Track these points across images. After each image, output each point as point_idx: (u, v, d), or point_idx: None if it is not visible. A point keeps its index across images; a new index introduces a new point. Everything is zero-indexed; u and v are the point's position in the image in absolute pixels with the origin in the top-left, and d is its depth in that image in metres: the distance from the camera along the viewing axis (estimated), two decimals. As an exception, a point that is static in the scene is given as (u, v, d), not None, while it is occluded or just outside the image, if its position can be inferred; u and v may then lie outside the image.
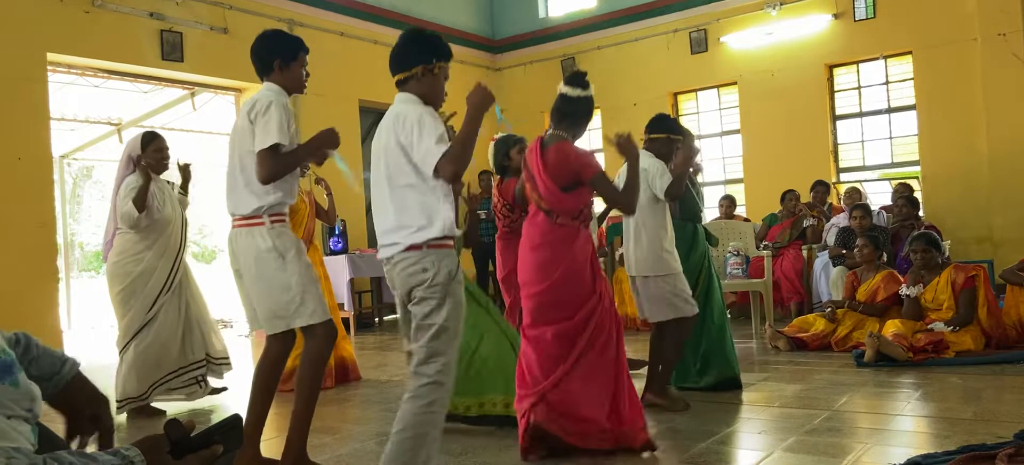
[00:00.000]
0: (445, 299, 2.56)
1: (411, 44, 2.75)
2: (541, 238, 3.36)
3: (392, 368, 6.09)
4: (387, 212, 2.66)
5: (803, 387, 4.53)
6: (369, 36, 9.65)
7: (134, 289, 4.55)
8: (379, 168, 2.70)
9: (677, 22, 10.04)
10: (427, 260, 2.57)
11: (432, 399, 2.51)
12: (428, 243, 2.57)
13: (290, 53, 3.22)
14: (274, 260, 3.09)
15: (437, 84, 2.74)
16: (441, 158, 2.48)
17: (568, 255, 3.32)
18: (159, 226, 4.59)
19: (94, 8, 7.10)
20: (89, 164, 15.13)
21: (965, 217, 8.26)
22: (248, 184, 3.11)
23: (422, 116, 2.57)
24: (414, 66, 2.69)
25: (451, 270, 2.58)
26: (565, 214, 3.32)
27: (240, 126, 3.15)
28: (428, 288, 2.56)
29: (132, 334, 4.55)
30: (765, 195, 9.04)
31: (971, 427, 3.46)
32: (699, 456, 3.27)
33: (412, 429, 2.50)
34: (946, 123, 8.52)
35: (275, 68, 3.19)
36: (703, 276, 4.60)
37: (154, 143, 4.60)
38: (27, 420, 1.22)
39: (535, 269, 3.36)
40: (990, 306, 5.29)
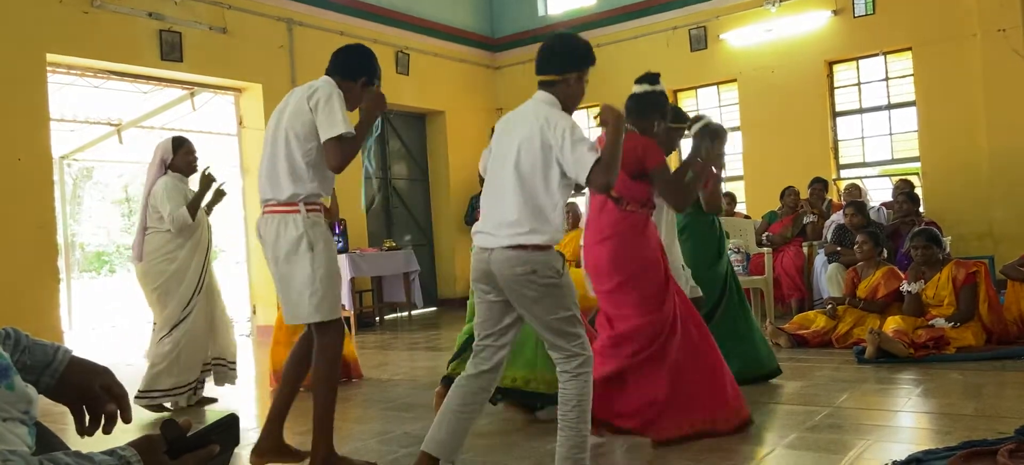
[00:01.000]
0: (561, 292, 2.63)
1: (568, 48, 2.79)
2: (611, 228, 3.41)
3: (393, 367, 6.09)
4: (505, 204, 2.67)
5: (804, 384, 4.52)
6: (369, 36, 9.63)
7: (168, 287, 4.69)
8: (506, 159, 2.71)
9: (677, 19, 10.03)
10: (535, 261, 2.60)
11: (584, 372, 2.66)
12: (535, 246, 2.61)
13: (376, 78, 3.31)
14: (304, 249, 3.09)
15: (581, 92, 2.80)
16: (594, 166, 2.52)
17: (641, 244, 3.39)
18: (190, 227, 4.73)
19: (93, 8, 7.10)
20: (89, 165, 15.11)
21: (965, 213, 8.25)
22: (290, 170, 3.10)
23: (573, 125, 2.62)
24: (569, 71, 2.74)
25: (558, 267, 2.63)
26: (635, 201, 3.38)
27: (294, 109, 3.12)
28: (540, 287, 2.60)
29: (172, 326, 4.67)
30: (765, 192, 9.03)
31: (972, 423, 3.46)
32: (700, 452, 3.27)
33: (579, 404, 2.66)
34: (946, 119, 8.52)
35: (359, 83, 3.24)
36: (730, 273, 4.69)
37: (185, 147, 4.81)
38: (24, 422, 1.22)
39: (608, 262, 3.41)
40: (991, 302, 5.28)
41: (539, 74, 2.79)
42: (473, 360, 2.80)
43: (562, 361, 2.68)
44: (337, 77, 3.20)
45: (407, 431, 3.95)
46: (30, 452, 1.20)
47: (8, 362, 1.23)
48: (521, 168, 2.65)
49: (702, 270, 4.54)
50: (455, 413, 2.75)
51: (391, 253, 9.29)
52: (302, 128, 3.08)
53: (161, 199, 4.64)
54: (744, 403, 3.57)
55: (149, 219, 4.70)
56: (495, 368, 2.78)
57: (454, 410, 2.75)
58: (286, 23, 8.63)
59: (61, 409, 1.51)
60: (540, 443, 3.52)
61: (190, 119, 9.29)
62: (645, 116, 3.53)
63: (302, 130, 3.08)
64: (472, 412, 2.78)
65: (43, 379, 1.43)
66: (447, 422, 2.75)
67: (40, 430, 1.33)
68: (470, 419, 2.79)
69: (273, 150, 3.17)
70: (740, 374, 4.53)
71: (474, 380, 2.77)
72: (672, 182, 3.49)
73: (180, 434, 1.26)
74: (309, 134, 3.08)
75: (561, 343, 2.66)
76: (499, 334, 2.76)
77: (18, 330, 1.42)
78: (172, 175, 4.74)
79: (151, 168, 4.80)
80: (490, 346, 2.77)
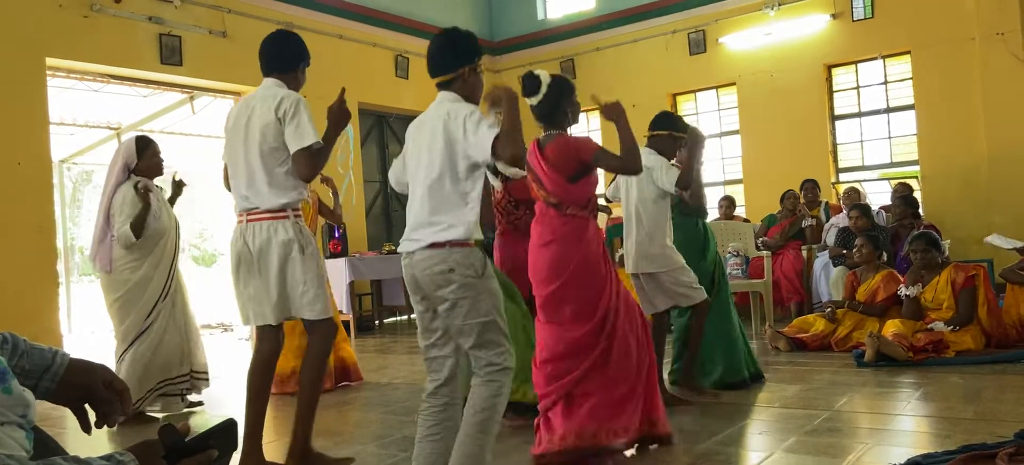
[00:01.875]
0: (478, 295, 2.56)
1: (453, 45, 2.78)
2: (552, 234, 3.34)
3: (392, 371, 6.09)
4: (421, 207, 2.66)
5: (803, 387, 4.52)
6: (367, 39, 9.65)
7: (130, 297, 4.54)
8: (418, 164, 2.70)
9: (676, 23, 10.04)
10: (452, 258, 2.55)
11: (500, 381, 2.58)
12: (450, 242, 2.57)
13: (308, 60, 3.43)
14: (295, 253, 3.22)
15: (479, 83, 2.78)
16: (496, 140, 2.46)
17: (581, 248, 3.32)
18: (155, 235, 4.58)
19: (93, 12, 7.10)
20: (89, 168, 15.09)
21: (964, 216, 8.25)
22: (269, 180, 3.21)
23: (474, 111, 2.60)
24: (460, 67, 2.73)
25: (478, 266, 2.57)
26: (574, 204, 3.33)
27: (264, 121, 3.19)
28: (458, 286, 2.54)
29: (130, 341, 4.54)
30: (764, 196, 9.04)
31: (971, 426, 3.45)
32: (700, 456, 3.27)
33: (488, 410, 2.55)
34: (945, 122, 8.52)
35: (298, 69, 3.37)
36: (718, 273, 4.69)
37: (150, 149, 4.60)
38: (21, 426, 1.22)
39: (548, 266, 3.34)
40: (990, 305, 5.29)
41: (433, 76, 2.78)
42: (428, 375, 2.71)
43: (478, 368, 2.58)
44: (277, 75, 3.32)
45: (406, 435, 3.94)
46: (28, 456, 1.20)
47: (5, 366, 1.23)
48: (431, 167, 2.63)
49: None
50: (428, 439, 2.63)
51: (390, 257, 9.28)
52: (275, 139, 3.19)
53: (117, 208, 4.45)
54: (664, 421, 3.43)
55: (112, 227, 4.50)
56: (450, 379, 2.67)
57: (427, 436, 2.64)
58: (285, 26, 8.63)
59: (59, 413, 1.51)
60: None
61: (190, 123, 9.30)
62: (555, 114, 3.42)
63: (276, 142, 3.20)
64: (443, 433, 2.63)
65: (42, 383, 1.42)
66: (422, 451, 2.64)
67: (38, 434, 1.32)
68: (446, 439, 2.61)
69: (248, 161, 3.25)
70: (722, 378, 4.54)
71: (434, 398, 2.66)
72: (614, 156, 3.39)
73: (178, 439, 1.26)
74: (282, 143, 3.20)
75: (481, 353, 2.56)
76: (440, 343, 2.67)
77: (16, 335, 1.42)
78: (129, 183, 4.50)
79: (112, 170, 4.55)
80: (437, 357, 2.69)
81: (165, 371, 4.62)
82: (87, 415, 1.47)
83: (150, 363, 4.54)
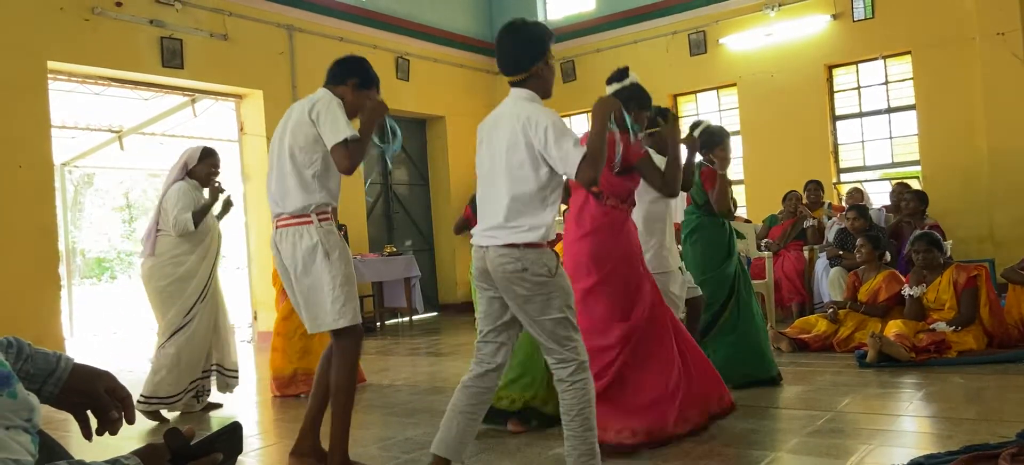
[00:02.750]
0: (551, 293, 2.61)
1: (524, 40, 2.75)
2: (592, 223, 3.41)
3: (393, 373, 6.09)
4: (497, 205, 2.68)
5: (805, 388, 4.52)
6: (368, 41, 9.66)
7: (172, 291, 4.70)
8: (495, 164, 2.72)
9: (676, 24, 10.04)
10: (527, 259, 2.60)
11: (581, 378, 2.64)
12: (526, 244, 2.61)
13: (368, 82, 3.38)
14: (321, 258, 3.18)
15: (552, 73, 2.78)
16: (582, 161, 2.51)
17: (622, 240, 3.39)
18: (201, 233, 4.76)
19: (94, 16, 7.11)
20: (90, 171, 15.13)
21: (966, 216, 8.25)
22: (298, 182, 3.19)
23: (555, 120, 2.61)
24: (534, 64, 2.71)
25: (551, 266, 2.61)
26: (615, 196, 3.39)
27: (295, 122, 3.22)
28: (531, 285, 2.60)
29: (172, 332, 4.67)
30: (766, 196, 9.04)
31: (974, 427, 3.45)
32: (702, 458, 3.27)
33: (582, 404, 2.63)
34: (946, 122, 8.52)
35: (348, 85, 3.32)
36: (739, 274, 4.69)
37: (211, 159, 4.85)
38: (26, 430, 1.22)
39: (588, 257, 3.40)
40: (992, 305, 5.28)
41: (505, 75, 2.77)
42: (476, 358, 2.81)
43: (557, 368, 2.67)
44: (329, 86, 3.32)
45: (409, 437, 3.95)
46: (33, 461, 1.20)
47: (9, 370, 1.23)
48: (509, 168, 2.66)
49: (711, 270, 4.60)
50: (463, 414, 2.77)
51: (392, 258, 9.30)
52: (305, 140, 3.18)
53: (172, 202, 4.68)
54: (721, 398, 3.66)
55: (161, 221, 4.74)
56: (499, 366, 2.80)
57: (462, 411, 2.77)
58: (287, 30, 8.65)
59: (63, 417, 1.51)
60: (541, 448, 3.53)
61: (191, 126, 9.30)
62: (626, 111, 3.51)
63: (305, 142, 3.18)
64: (479, 411, 2.80)
65: (46, 388, 1.43)
66: (456, 423, 2.77)
67: (43, 438, 1.32)
68: (477, 418, 2.81)
69: (280, 166, 3.26)
70: (745, 376, 4.55)
71: (479, 380, 2.79)
72: (659, 173, 3.51)
73: (183, 442, 1.26)
74: (312, 145, 3.18)
75: (554, 346, 2.65)
76: (499, 330, 2.77)
77: (20, 339, 1.43)
78: (187, 181, 4.78)
79: (173, 169, 4.84)
80: (491, 342, 2.79)
81: (193, 372, 4.76)
82: (89, 422, 1.47)
83: (189, 360, 4.69)
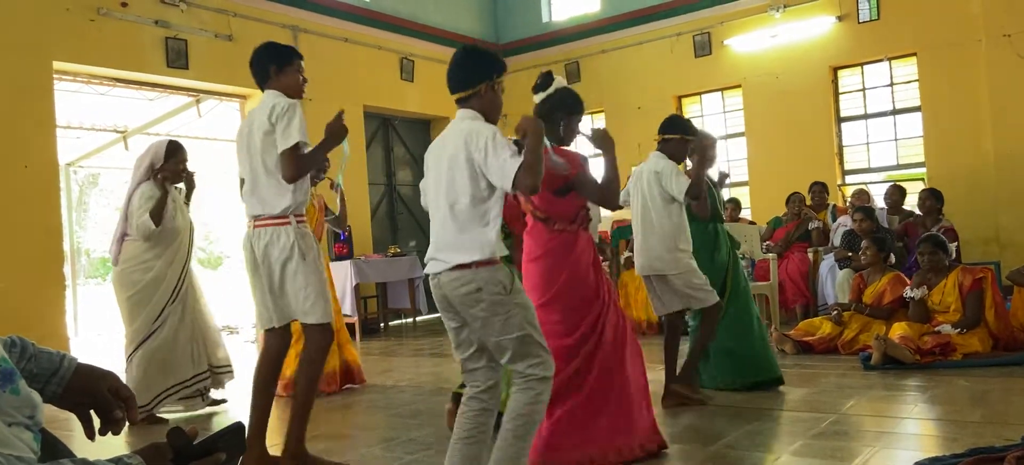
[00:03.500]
0: (510, 310, 2.56)
1: (472, 61, 2.75)
2: (541, 248, 3.33)
3: (397, 374, 6.09)
4: (444, 227, 2.66)
5: (810, 390, 4.51)
6: (373, 42, 9.67)
7: (141, 298, 4.59)
8: (439, 184, 2.69)
9: (681, 25, 10.03)
10: (479, 277, 2.55)
11: (541, 389, 2.59)
12: (477, 263, 2.56)
13: (284, 59, 3.42)
14: (296, 258, 3.28)
15: (498, 100, 2.77)
16: (518, 170, 2.48)
17: (569, 261, 3.29)
18: (169, 235, 4.63)
19: (99, 16, 7.13)
20: (95, 171, 15.18)
21: (971, 218, 8.21)
22: (272, 186, 3.29)
23: (495, 133, 2.59)
24: (478, 83, 2.70)
25: (506, 283, 2.57)
26: (562, 219, 3.29)
27: (262, 129, 3.28)
28: (488, 304, 2.55)
29: (139, 342, 4.57)
30: (770, 198, 9.02)
31: (979, 429, 3.44)
32: (707, 460, 3.26)
33: (522, 418, 2.58)
34: (951, 124, 8.49)
35: (271, 74, 3.39)
36: (730, 277, 4.64)
37: (178, 155, 4.68)
38: (29, 428, 1.22)
39: (539, 279, 3.33)
40: (997, 308, 5.26)
41: (452, 93, 2.76)
42: (467, 382, 2.73)
43: (516, 377, 2.61)
44: (265, 87, 3.41)
45: (412, 437, 3.95)
46: (35, 458, 1.20)
47: (12, 367, 1.23)
48: (453, 187, 2.63)
49: None
50: (463, 442, 2.66)
51: (396, 259, 9.30)
52: (273, 147, 3.26)
53: (137, 207, 4.54)
54: (656, 433, 3.41)
55: (128, 226, 4.61)
56: (491, 389, 2.70)
57: (462, 438, 2.67)
58: (291, 30, 8.66)
59: (66, 416, 1.51)
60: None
61: (196, 126, 9.32)
62: (552, 120, 3.37)
63: (274, 149, 3.26)
64: (482, 436, 2.67)
65: (49, 387, 1.43)
66: (459, 453, 2.65)
67: (45, 437, 1.33)
68: (482, 443, 2.67)
69: (252, 169, 3.34)
70: (746, 379, 4.53)
71: (473, 402, 2.69)
72: (595, 185, 3.33)
73: (186, 442, 1.26)
74: None
75: (518, 366, 2.59)
76: (479, 353, 2.68)
77: (24, 338, 1.43)
78: (152, 182, 4.59)
79: (138, 168, 4.66)
80: (474, 369, 2.71)
81: (178, 374, 4.65)
82: (92, 421, 1.47)
83: (159, 365, 4.57)
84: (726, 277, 4.63)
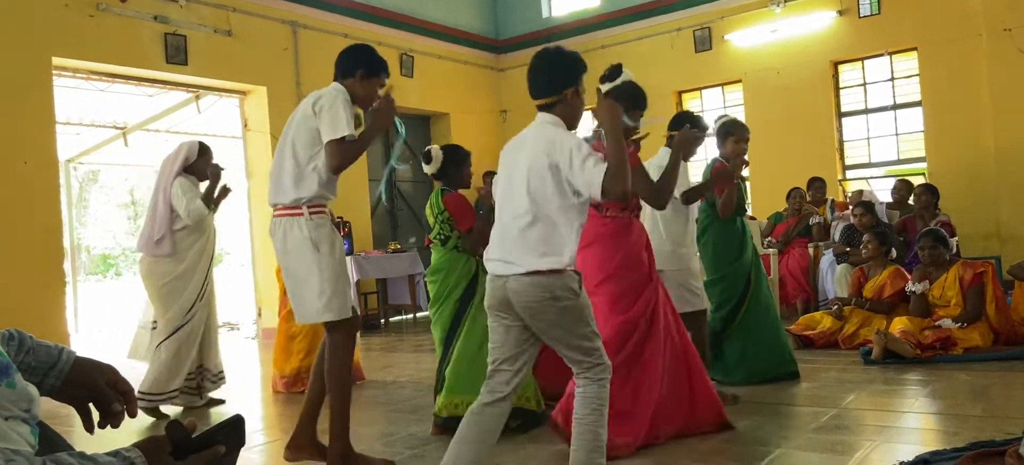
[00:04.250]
0: (580, 314, 2.58)
1: (561, 65, 2.69)
2: (593, 235, 3.42)
3: (398, 369, 6.09)
4: (518, 231, 2.60)
5: (811, 385, 4.51)
6: (372, 38, 9.64)
7: (173, 288, 4.70)
8: (514, 188, 2.65)
9: (681, 21, 10.02)
10: (554, 286, 2.53)
11: (603, 377, 2.62)
12: (551, 271, 2.54)
13: (375, 69, 3.32)
14: (309, 251, 3.15)
15: (581, 105, 2.73)
16: (605, 177, 2.46)
17: (624, 245, 3.41)
18: (201, 227, 4.79)
19: (98, 12, 7.12)
20: (95, 168, 15.17)
21: (972, 213, 8.21)
22: (294, 173, 3.18)
23: (579, 143, 2.55)
24: (564, 89, 2.66)
25: (575, 287, 2.57)
26: (614, 206, 3.41)
27: (300, 114, 3.23)
28: (559, 310, 2.55)
29: (172, 330, 4.68)
30: (770, 193, 9.01)
31: (980, 424, 3.44)
32: (707, 454, 3.26)
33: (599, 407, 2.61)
34: (952, 119, 8.48)
35: (356, 76, 3.28)
36: (754, 275, 4.65)
37: (208, 154, 4.89)
38: (25, 421, 1.22)
39: (594, 265, 3.43)
40: (998, 302, 5.26)
41: (534, 98, 2.72)
42: (488, 385, 2.69)
43: (580, 371, 2.64)
44: (338, 79, 3.30)
45: (412, 433, 3.95)
46: (33, 451, 1.20)
47: (8, 361, 1.23)
48: (532, 193, 2.59)
49: (724, 268, 4.60)
50: (466, 443, 2.62)
51: (396, 255, 9.30)
52: (307, 134, 3.17)
53: (177, 196, 4.68)
54: (721, 409, 3.59)
55: (185, 215, 4.71)
56: (509, 395, 2.67)
57: (465, 440, 2.63)
58: (290, 26, 8.65)
59: (65, 410, 1.51)
60: (544, 445, 3.52)
61: (195, 122, 9.32)
62: None
63: (307, 136, 3.17)
64: (486, 440, 2.64)
65: (48, 380, 1.42)
66: (466, 453, 2.62)
67: (43, 430, 1.32)
68: (484, 446, 2.64)
69: (280, 156, 3.26)
70: (764, 373, 4.55)
71: (490, 407, 2.64)
72: (648, 181, 3.47)
73: (185, 435, 1.26)
74: (313, 139, 3.17)
75: (581, 358, 2.61)
76: (515, 358, 2.66)
77: (22, 332, 1.42)
78: (187, 176, 4.79)
79: (172, 163, 4.80)
80: (506, 370, 2.67)
81: (187, 369, 4.75)
82: (90, 415, 1.46)
83: (180, 358, 4.68)
84: (750, 274, 4.64)
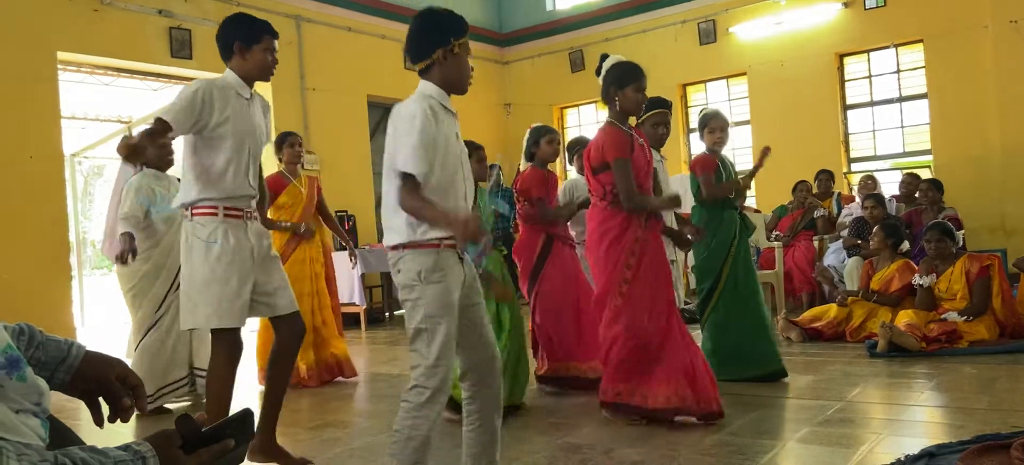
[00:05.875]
0: (417, 300, 2.40)
1: (426, 27, 2.48)
2: (595, 225, 3.66)
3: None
4: (384, 207, 2.54)
5: (816, 378, 4.51)
6: (376, 31, 9.65)
7: (142, 287, 4.57)
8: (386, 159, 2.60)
9: (685, 13, 9.99)
10: (401, 261, 2.43)
11: (413, 403, 2.43)
12: (393, 246, 2.45)
13: (252, 36, 2.99)
14: (185, 252, 2.98)
15: (461, 65, 2.51)
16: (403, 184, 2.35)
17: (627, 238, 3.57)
18: (166, 223, 4.57)
19: (103, 6, 7.12)
20: (100, 162, 15.17)
21: (978, 206, 8.19)
22: (188, 173, 2.99)
23: (413, 115, 2.36)
24: (433, 51, 2.45)
25: (423, 269, 2.38)
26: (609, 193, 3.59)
27: None
28: (402, 289, 2.45)
29: (144, 332, 4.57)
30: (775, 186, 8.99)
31: (985, 417, 3.44)
32: (712, 447, 3.26)
33: (399, 430, 2.50)
34: (958, 112, 8.46)
35: (235, 52, 2.99)
36: (728, 265, 4.47)
37: None
38: (36, 414, 1.22)
39: (600, 258, 3.63)
40: (1004, 295, 5.25)
41: (412, 66, 2.54)
42: None
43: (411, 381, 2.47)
44: (227, 64, 3.05)
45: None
46: (44, 445, 1.20)
47: (19, 354, 1.23)
48: (385, 168, 2.50)
49: (698, 255, 4.59)
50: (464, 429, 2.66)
51: (400, 249, 9.29)
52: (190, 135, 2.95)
53: (126, 195, 4.48)
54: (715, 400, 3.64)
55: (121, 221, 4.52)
56: (463, 374, 2.62)
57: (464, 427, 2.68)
58: (294, 20, 8.65)
59: (75, 404, 1.51)
60: (553, 437, 3.53)
61: (200, 116, 9.32)
62: (608, 98, 3.65)
63: (190, 137, 2.95)
64: (470, 419, 2.62)
65: (57, 374, 1.43)
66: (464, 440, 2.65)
67: (54, 424, 1.33)
68: (474, 429, 2.62)
69: None
70: (740, 370, 4.40)
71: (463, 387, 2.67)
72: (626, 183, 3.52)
73: (195, 429, 1.26)
74: (189, 139, 2.96)
75: (412, 356, 2.45)
76: None
77: (32, 326, 1.43)
78: (146, 172, 4.54)
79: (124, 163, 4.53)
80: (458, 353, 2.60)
81: (178, 370, 4.62)
82: (100, 408, 1.47)
83: (164, 358, 4.55)
84: (722, 267, 4.47)
